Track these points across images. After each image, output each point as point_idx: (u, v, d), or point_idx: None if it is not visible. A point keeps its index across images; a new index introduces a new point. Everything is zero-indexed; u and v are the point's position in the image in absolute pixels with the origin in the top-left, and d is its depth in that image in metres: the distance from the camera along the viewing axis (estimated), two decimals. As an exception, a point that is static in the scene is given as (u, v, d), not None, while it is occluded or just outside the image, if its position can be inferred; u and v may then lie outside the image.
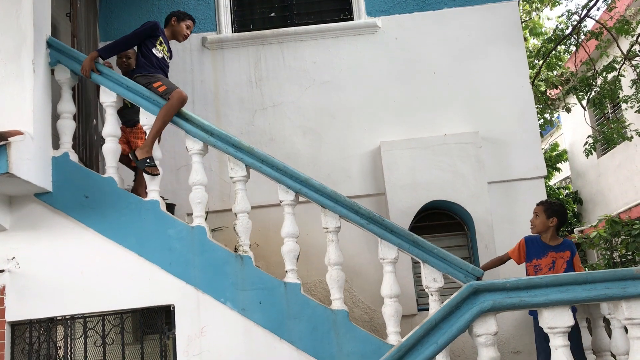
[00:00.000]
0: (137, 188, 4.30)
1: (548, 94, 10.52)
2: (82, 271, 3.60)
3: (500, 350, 2.88)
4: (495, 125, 5.13)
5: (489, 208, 4.86)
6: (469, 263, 3.50)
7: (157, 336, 3.64)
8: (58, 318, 3.67)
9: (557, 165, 12.93)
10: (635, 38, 8.42)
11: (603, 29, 8.74)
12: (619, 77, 8.63)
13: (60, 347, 3.68)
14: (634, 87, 8.45)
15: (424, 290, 3.52)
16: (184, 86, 4.85)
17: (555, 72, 10.60)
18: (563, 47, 10.48)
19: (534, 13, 11.59)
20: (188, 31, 4.22)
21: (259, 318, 3.48)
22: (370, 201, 4.92)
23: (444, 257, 3.44)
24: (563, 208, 3.98)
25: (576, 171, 12.64)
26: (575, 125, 12.00)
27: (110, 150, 3.79)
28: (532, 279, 2.48)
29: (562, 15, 10.09)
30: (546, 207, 3.93)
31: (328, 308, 3.50)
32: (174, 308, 3.54)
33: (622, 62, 8.61)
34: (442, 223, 5.14)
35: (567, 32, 9.46)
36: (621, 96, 8.91)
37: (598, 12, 9.65)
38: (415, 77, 5.27)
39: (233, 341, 3.48)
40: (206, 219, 3.74)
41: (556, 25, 10.37)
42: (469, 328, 2.50)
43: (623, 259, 7.84)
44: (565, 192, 12.95)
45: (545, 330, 2.49)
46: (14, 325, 3.64)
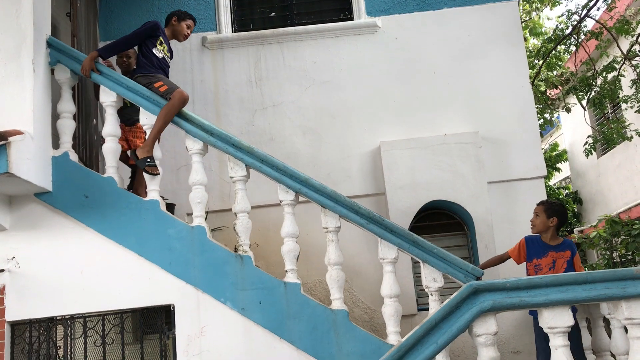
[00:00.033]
0: (137, 188, 4.30)
1: (548, 94, 10.52)
2: (82, 271, 3.61)
3: (500, 350, 2.88)
4: (495, 125, 5.13)
5: (489, 208, 4.86)
6: (469, 263, 3.50)
7: (157, 336, 3.64)
8: (58, 318, 3.67)
9: (557, 165, 12.94)
10: (635, 38, 8.42)
11: (603, 29, 8.74)
12: (619, 77, 8.63)
13: (60, 347, 3.67)
14: (634, 87, 8.45)
15: (424, 290, 3.52)
16: (184, 86, 4.85)
17: (555, 72, 10.60)
18: (563, 47, 10.48)
19: (534, 13, 11.59)
20: (189, 31, 4.22)
21: (259, 318, 3.48)
22: (370, 201, 4.93)
23: (444, 257, 3.44)
24: (563, 208, 3.99)
25: (576, 171, 12.64)
26: (575, 125, 12.00)
27: (110, 150, 3.79)
28: (532, 279, 2.49)
29: (562, 15, 10.09)
30: (546, 207, 3.94)
31: (328, 308, 3.50)
32: (174, 308, 3.54)
33: (622, 62, 8.60)
34: (442, 223, 5.14)
35: (567, 32, 9.46)
36: (621, 96, 8.90)
37: (598, 12, 9.66)
38: (415, 77, 5.27)
39: (233, 341, 3.48)
40: (206, 219, 3.74)
41: (556, 25, 10.37)
42: (469, 328, 2.50)
43: (623, 259, 7.85)
44: (565, 192, 12.95)
45: (545, 330, 2.50)
46: (14, 325, 3.64)
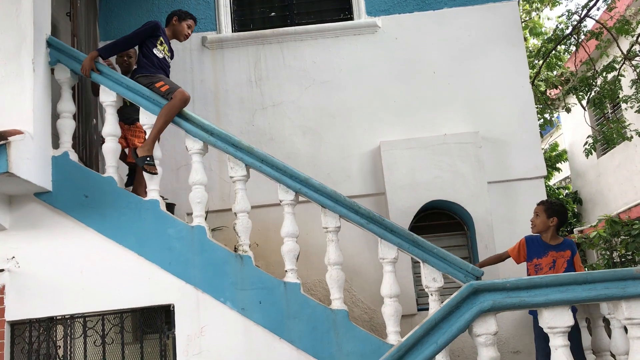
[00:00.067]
0: (137, 188, 4.30)
1: (548, 94, 10.52)
2: (82, 271, 3.60)
3: (500, 350, 2.88)
4: (495, 125, 5.13)
5: (489, 208, 4.86)
6: (469, 263, 3.50)
7: (157, 336, 3.64)
8: (58, 317, 3.66)
9: (557, 165, 12.94)
10: (635, 38, 8.42)
11: (603, 29, 8.74)
12: (619, 77, 8.63)
13: (59, 347, 3.67)
14: (634, 87, 8.44)
15: (424, 290, 3.52)
16: (184, 86, 4.82)
17: (555, 72, 10.60)
18: (563, 47, 10.47)
19: (534, 13, 11.58)
20: (189, 31, 4.22)
21: (259, 318, 3.48)
22: (370, 201, 4.92)
23: (444, 257, 3.44)
24: (563, 208, 3.99)
25: (576, 171, 12.64)
26: (575, 125, 12.00)
27: (110, 149, 3.79)
28: (532, 279, 2.48)
29: (562, 15, 10.09)
30: (547, 207, 3.94)
31: (328, 308, 3.49)
32: (174, 307, 3.54)
33: (622, 62, 8.60)
34: (442, 223, 5.14)
35: (567, 32, 9.45)
36: (621, 96, 8.90)
37: (598, 12, 9.65)
38: (415, 77, 5.27)
39: (233, 341, 3.48)
40: (206, 219, 3.74)
41: (556, 25, 10.37)
42: (469, 328, 2.50)
43: (623, 259, 7.85)
44: (565, 192, 12.95)
45: (545, 330, 2.50)
46: (14, 324, 3.64)
